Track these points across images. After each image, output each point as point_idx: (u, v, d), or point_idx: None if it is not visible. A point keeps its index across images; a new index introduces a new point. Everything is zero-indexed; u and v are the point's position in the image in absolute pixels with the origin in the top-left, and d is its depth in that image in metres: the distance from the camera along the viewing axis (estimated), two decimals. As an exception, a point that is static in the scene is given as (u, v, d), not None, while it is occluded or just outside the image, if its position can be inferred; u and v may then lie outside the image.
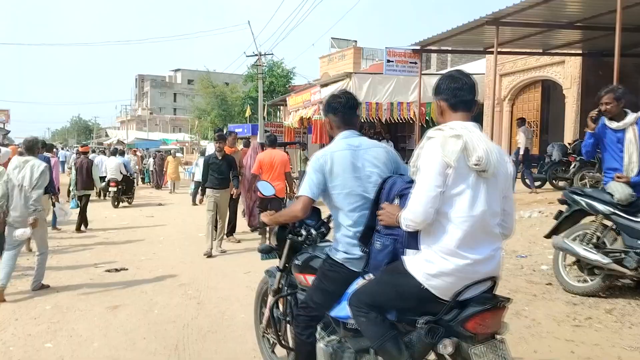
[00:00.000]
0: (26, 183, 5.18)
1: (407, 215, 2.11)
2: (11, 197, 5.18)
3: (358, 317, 2.29)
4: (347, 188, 2.54)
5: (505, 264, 5.78)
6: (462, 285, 2.10)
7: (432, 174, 2.07)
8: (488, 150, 2.09)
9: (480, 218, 2.09)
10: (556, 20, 10.03)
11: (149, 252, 7.53)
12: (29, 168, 5.24)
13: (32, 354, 3.77)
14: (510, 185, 2.26)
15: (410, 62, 11.86)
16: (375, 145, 2.67)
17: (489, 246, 2.15)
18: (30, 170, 5.22)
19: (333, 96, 2.77)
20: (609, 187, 4.30)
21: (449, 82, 2.26)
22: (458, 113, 2.23)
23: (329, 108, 2.72)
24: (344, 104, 2.69)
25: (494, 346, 2.14)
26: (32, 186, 5.16)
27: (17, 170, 5.24)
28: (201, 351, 3.74)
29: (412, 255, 2.18)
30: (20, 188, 5.17)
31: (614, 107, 4.39)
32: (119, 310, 4.77)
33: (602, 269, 4.27)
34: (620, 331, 3.73)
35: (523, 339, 3.67)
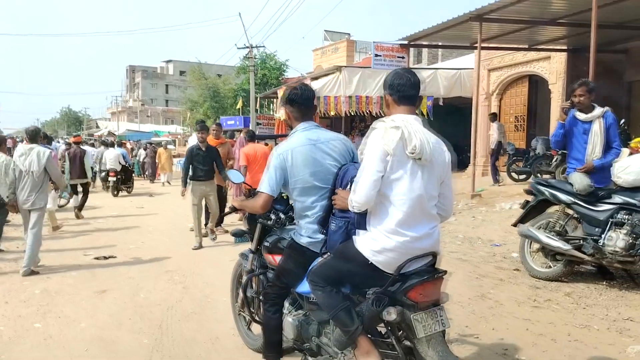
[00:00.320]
0: (34, 168, 5.64)
1: (352, 197, 2.34)
2: (19, 182, 5.64)
3: (316, 290, 2.53)
4: (309, 182, 2.70)
5: (479, 252, 6.07)
6: (403, 260, 2.33)
7: (373, 161, 2.30)
8: (424, 140, 2.31)
9: (418, 200, 2.33)
10: (540, 17, 10.25)
11: (137, 241, 7.71)
12: (34, 154, 5.69)
13: (22, 333, 3.96)
14: (447, 171, 2.47)
15: (398, 57, 12.06)
16: (332, 137, 2.83)
17: (427, 225, 2.38)
18: (36, 156, 5.68)
19: (291, 88, 2.91)
20: (570, 177, 4.56)
21: (395, 78, 2.47)
22: (402, 106, 2.45)
23: (287, 100, 2.86)
24: (301, 96, 2.82)
25: (433, 313, 2.38)
26: (41, 170, 5.68)
27: (23, 157, 5.69)
28: (184, 330, 3.96)
29: (362, 234, 2.41)
30: (28, 173, 5.64)
31: (586, 99, 4.63)
32: (106, 294, 4.96)
33: (564, 255, 4.53)
34: (575, 311, 3.99)
35: (484, 318, 3.93)
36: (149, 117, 57.23)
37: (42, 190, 5.82)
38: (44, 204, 5.93)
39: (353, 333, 2.43)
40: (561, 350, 3.33)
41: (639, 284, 4.51)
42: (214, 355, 3.48)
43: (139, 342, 3.73)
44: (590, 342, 3.44)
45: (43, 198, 5.87)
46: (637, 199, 4.22)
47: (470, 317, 3.97)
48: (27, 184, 5.68)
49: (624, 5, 9.08)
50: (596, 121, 4.60)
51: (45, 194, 5.96)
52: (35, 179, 5.69)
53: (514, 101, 14.59)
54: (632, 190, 4.25)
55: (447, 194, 2.53)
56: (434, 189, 2.42)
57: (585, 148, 4.61)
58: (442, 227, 7.66)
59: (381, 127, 2.38)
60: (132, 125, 47.79)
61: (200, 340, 3.73)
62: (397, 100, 2.46)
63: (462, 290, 4.59)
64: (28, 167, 5.66)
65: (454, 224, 7.78)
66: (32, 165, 5.66)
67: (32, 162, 5.67)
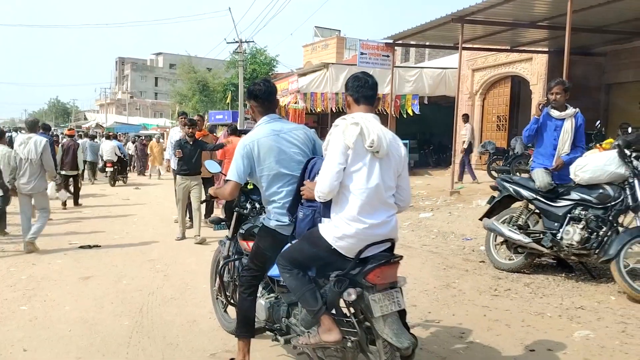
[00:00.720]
0: (32, 156, 6.18)
1: (317, 187, 2.57)
2: (19, 169, 6.16)
3: (284, 273, 2.75)
4: (274, 170, 2.91)
5: (451, 245, 6.35)
6: (363, 245, 2.56)
7: (335, 154, 2.54)
8: (381, 136, 2.55)
9: (375, 190, 2.56)
10: (520, 19, 10.55)
11: (122, 231, 7.88)
12: (32, 143, 6.22)
13: (9, 315, 4.14)
14: (404, 165, 2.71)
15: (383, 55, 12.29)
16: (294, 127, 3.05)
17: (385, 213, 2.62)
18: (34, 145, 6.21)
19: (254, 84, 3.10)
20: (533, 173, 4.83)
21: (354, 81, 2.73)
22: (361, 106, 2.69)
23: (251, 95, 3.05)
24: (264, 91, 3.01)
25: (390, 294, 2.61)
26: (39, 157, 6.20)
27: (22, 146, 6.22)
28: (163, 314, 4.16)
29: (326, 222, 2.65)
30: (27, 160, 6.17)
31: (562, 98, 4.90)
32: (90, 280, 5.15)
33: (525, 248, 4.81)
34: (532, 300, 4.27)
35: (446, 305, 4.19)
36: (137, 109, 56.89)
37: (41, 176, 6.32)
38: (43, 188, 6.46)
39: (317, 312, 2.66)
40: (513, 335, 3.60)
41: (594, 275, 4.81)
42: (190, 337, 3.69)
43: (120, 324, 3.93)
44: (541, 327, 3.71)
45: (42, 183, 6.40)
46: (593, 195, 4.50)
47: (434, 304, 4.23)
48: (26, 171, 6.19)
49: (600, 10, 9.41)
50: (568, 120, 4.88)
51: (44, 179, 6.44)
52: (33, 166, 6.20)
53: (497, 101, 14.92)
54: (589, 188, 4.53)
55: (404, 185, 2.77)
56: (390, 180, 2.66)
57: (552, 144, 4.88)
58: (419, 222, 7.98)
59: (342, 124, 2.61)
60: (121, 118, 47.53)
61: (178, 323, 3.94)
62: (356, 100, 2.70)
63: (429, 280, 4.86)
64: (27, 155, 6.17)
65: (431, 219, 8.07)
66: (30, 153, 6.18)
67: (30, 151, 6.18)
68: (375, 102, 2.73)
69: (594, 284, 4.65)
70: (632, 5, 9.15)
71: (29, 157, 6.18)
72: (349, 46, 32.02)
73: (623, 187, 4.40)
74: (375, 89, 2.71)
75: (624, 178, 4.38)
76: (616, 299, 4.22)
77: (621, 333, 3.57)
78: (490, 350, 3.38)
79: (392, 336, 2.56)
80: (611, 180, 4.44)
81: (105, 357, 3.35)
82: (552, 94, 4.93)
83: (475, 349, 3.39)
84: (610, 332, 3.59)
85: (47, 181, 6.74)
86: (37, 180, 6.25)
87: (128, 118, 46.60)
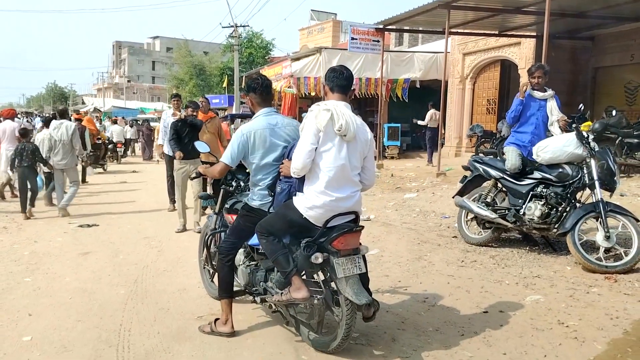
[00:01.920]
0: (64, 138, 7.62)
1: (292, 164, 2.96)
2: (54, 148, 7.60)
3: (261, 239, 3.13)
4: (265, 159, 3.27)
5: (429, 222, 6.72)
6: (329, 216, 2.95)
7: (308, 135, 2.92)
8: (349, 122, 2.92)
9: (341, 168, 2.94)
10: (507, 5, 10.77)
11: (119, 211, 8.25)
12: (64, 127, 7.70)
13: (14, 285, 4.52)
14: (370, 148, 3.09)
15: (373, 40, 12.51)
16: (288, 123, 3.39)
17: (350, 189, 3.00)
18: (65, 129, 7.69)
19: (252, 79, 3.46)
20: (506, 149, 5.13)
21: (331, 72, 3.12)
22: (335, 94, 3.08)
23: (249, 88, 3.40)
24: (262, 84, 3.37)
25: (352, 259, 2.99)
26: (70, 139, 7.64)
27: (56, 130, 7.68)
28: (156, 284, 4.54)
29: (299, 195, 3.03)
30: (60, 141, 7.60)
31: (543, 80, 5.25)
32: (89, 255, 5.52)
33: (492, 223, 5.18)
34: (494, 270, 4.65)
35: (416, 275, 4.58)
36: (135, 93, 56.92)
37: (72, 155, 7.75)
38: (74, 164, 7.91)
39: (289, 273, 3.03)
40: (471, 299, 3.98)
41: (556, 249, 5.18)
42: (180, 302, 4.07)
43: (116, 292, 4.31)
44: (498, 293, 4.10)
45: (73, 160, 7.83)
46: (553, 174, 4.85)
47: (405, 274, 4.61)
48: (59, 150, 7.60)
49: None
50: (550, 99, 5.23)
51: (74, 157, 7.88)
52: (65, 146, 7.63)
53: (487, 85, 15.17)
54: (550, 167, 4.88)
55: (369, 166, 3.16)
56: (356, 161, 3.04)
57: (535, 123, 5.21)
58: (404, 202, 8.33)
59: (316, 110, 3.00)
60: (118, 102, 47.62)
61: (169, 291, 4.32)
62: (331, 89, 3.10)
63: (404, 253, 5.24)
64: (60, 137, 7.60)
65: (415, 199, 8.43)
66: (63, 136, 7.62)
67: (62, 133, 7.63)
68: (349, 92, 3.09)
69: (554, 256, 5.02)
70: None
71: (61, 138, 7.60)
72: (345, 30, 31.98)
73: (581, 166, 4.75)
74: (350, 81, 3.09)
75: (581, 158, 4.73)
76: (571, 269, 4.60)
77: (569, 297, 3.95)
78: (448, 311, 3.76)
79: (352, 294, 2.93)
80: (570, 160, 4.78)
81: (103, 320, 3.72)
82: (534, 77, 5.26)
83: (435, 311, 3.77)
84: (559, 297, 3.97)
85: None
86: (68, 157, 7.66)
87: (125, 102, 46.68)
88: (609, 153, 4.69)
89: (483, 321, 3.57)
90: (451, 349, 3.18)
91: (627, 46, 12.50)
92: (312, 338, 3.22)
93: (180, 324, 3.62)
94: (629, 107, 12.57)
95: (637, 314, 3.62)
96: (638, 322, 3.50)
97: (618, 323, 3.49)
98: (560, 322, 3.52)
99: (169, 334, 3.47)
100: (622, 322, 3.50)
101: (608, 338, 3.29)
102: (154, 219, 7.67)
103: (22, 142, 7.70)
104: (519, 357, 3.08)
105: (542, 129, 5.22)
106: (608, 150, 4.73)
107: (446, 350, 3.16)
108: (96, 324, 3.63)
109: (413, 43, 22.34)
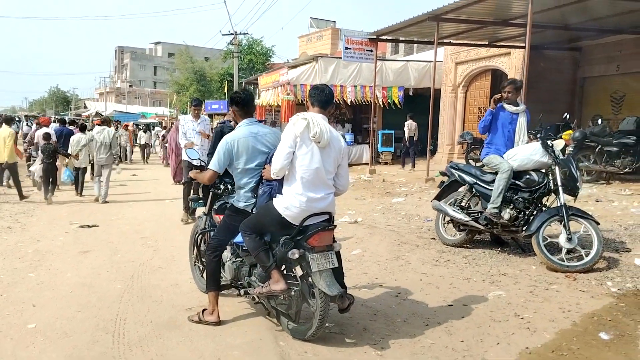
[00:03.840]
0: (106, 140, 9.65)
1: (272, 166, 3.35)
2: (98, 149, 9.68)
3: (245, 237, 3.49)
4: (248, 164, 3.64)
5: (411, 225, 7.07)
6: (305, 215, 3.30)
7: (287, 140, 3.31)
8: (324, 130, 3.30)
9: (316, 172, 3.31)
10: (494, 17, 11.17)
11: (118, 213, 8.61)
12: (106, 132, 9.76)
13: (19, 280, 4.87)
14: (343, 156, 3.47)
15: (366, 50, 12.92)
16: (268, 132, 3.77)
17: (324, 191, 3.37)
18: (107, 133, 9.75)
19: (235, 93, 3.89)
20: (491, 158, 5.43)
21: (314, 90, 3.55)
22: (315, 108, 3.47)
23: (232, 102, 3.82)
24: (243, 99, 3.79)
25: (326, 255, 3.34)
26: (110, 142, 9.71)
27: (99, 134, 9.74)
28: (151, 279, 4.90)
29: (279, 197, 3.40)
30: (102, 143, 9.61)
31: (513, 95, 5.57)
32: (89, 254, 5.88)
33: (466, 226, 5.54)
34: (465, 269, 5.00)
35: (392, 272, 4.93)
36: (136, 98, 57.47)
37: (110, 154, 9.75)
38: (110, 162, 9.86)
39: (269, 267, 3.39)
40: (440, 294, 4.33)
41: (524, 250, 5.52)
42: (172, 296, 4.42)
43: (114, 287, 4.66)
44: (464, 289, 4.44)
45: (110, 159, 9.80)
46: (521, 180, 5.20)
47: (382, 272, 4.97)
48: (101, 150, 9.63)
49: (567, 9, 10.03)
50: (522, 115, 5.56)
51: (111, 156, 9.86)
52: (106, 147, 9.64)
53: (478, 93, 15.56)
54: (518, 174, 5.23)
55: (342, 173, 3.54)
56: (330, 166, 3.41)
57: (506, 135, 5.52)
58: (391, 206, 8.70)
59: (295, 119, 3.40)
60: (120, 106, 48.08)
61: (163, 286, 4.67)
62: (312, 103, 3.52)
63: (383, 254, 5.59)
64: (102, 140, 9.64)
65: (402, 203, 8.79)
66: (105, 138, 9.66)
67: (104, 137, 9.67)
68: (328, 108, 3.49)
69: (523, 256, 5.37)
70: (595, 5, 9.78)
71: (104, 141, 9.63)
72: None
73: (546, 173, 5.11)
74: (330, 98, 3.49)
75: (547, 166, 5.09)
76: (536, 268, 4.95)
77: (529, 293, 4.30)
78: (417, 305, 4.11)
79: (325, 287, 3.28)
80: (536, 168, 5.14)
81: (101, 311, 4.07)
82: (505, 92, 5.59)
83: (405, 305, 4.13)
84: (520, 293, 4.32)
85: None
86: (107, 156, 9.67)
87: (127, 107, 47.14)
88: (572, 161, 5.06)
89: (447, 313, 3.91)
90: (415, 337, 3.52)
91: (613, 57, 12.89)
92: (290, 327, 3.56)
93: (172, 315, 3.97)
94: (614, 116, 12.93)
95: (588, 308, 3.97)
96: (587, 315, 3.85)
97: (569, 316, 3.84)
98: (516, 314, 3.87)
99: (161, 323, 3.81)
100: (573, 315, 3.85)
101: (557, 328, 3.63)
102: (151, 219, 8.03)
103: (44, 144, 9.68)
104: (475, 344, 3.42)
105: (513, 141, 5.54)
106: (571, 158, 5.10)
107: (411, 339, 3.51)
108: (94, 314, 3.98)
109: (409, 52, 22.77)
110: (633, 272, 4.71)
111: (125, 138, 19.15)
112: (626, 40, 12.15)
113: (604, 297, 4.19)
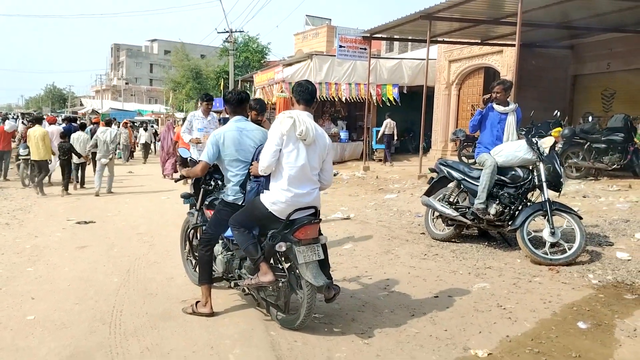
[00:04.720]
0: (108, 139, 10.51)
1: (259, 163, 3.47)
2: (100, 146, 10.44)
3: (234, 231, 3.62)
4: (234, 156, 3.79)
5: (402, 220, 7.21)
6: (291, 210, 3.43)
7: (273, 138, 3.43)
8: (309, 128, 3.42)
9: (302, 168, 3.43)
10: (486, 16, 11.31)
11: (115, 209, 8.72)
12: (108, 132, 10.63)
13: (17, 274, 4.99)
14: (328, 152, 3.59)
15: (360, 48, 13.03)
16: (255, 128, 3.93)
17: (309, 186, 3.50)
18: (110, 133, 10.61)
19: (228, 92, 4.04)
20: (483, 156, 5.57)
21: (297, 86, 3.64)
22: (300, 105, 3.58)
23: (225, 100, 3.99)
24: (234, 99, 3.96)
25: (312, 247, 3.47)
26: (112, 141, 10.60)
27: (102, 133, 10.59)
28: (146, 273, 5.02)
29: (266, 192, 3.52)
30: (105, 142, 10.44)
31: (502, 96, 5.70)
32: (86, 249, 6.00)
33: (454, 220, 5.68)
34: (452, 262, 5.15)
35: (381, 266, 5.07)
36: (132, 95, 57.36)
37: (111, 151, 10.51)
38: (113, 158, 10.62)
39: (257, 260, 3.53)
40: (426, 286, 4.47)
41: (511, 244, 5.68)
42: (167, 289, 4.55)
43: (110, 281, 4.79)
44: (450, 281, 4.59)
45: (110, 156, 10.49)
46: (507, 176, 5.35)
47: (372, 266, 5.11)
48: (103, 147, 10.40)
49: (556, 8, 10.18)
50: (511, 114, 5.68)
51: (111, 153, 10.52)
52: (108, 145, 10.45)
53: (471, 91, 15.71)
54: (504, 170, 5.39)
55: (327, 168, 3.67)
56: (315, 162, 3.54)
57: (497, 136, 5.65)
58: (384, 202, 8.85)
59: (281, 117, 3.51)
60: (116, 104, 48.00)
61: (158, 280, 4.80)
62: (297, 100, 3.61)
63: (374, 248, 5.73)
64: (105, 139, 10.47)
65: (394, 200, 8.93)
66: (107, 137, 10.49)
67: (107, 136, 10.50)
68: (312, 104, 3.61)
69: (508, 250, 5.53)
70: (585, 4, 9.94)
71: (107, 139, 10.46)
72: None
73: (531, 169, 5.26)
74: (313, 95, 3.61)
75: (532, 162, 5.24)
76: (521, 262, 5.10)
77: (512, 285, 4.45)
78: (404, 296, 4.26)
79: (311, 278, 3.42)
80: (522, 164, 5.29)
81: (98, 303, 4.19)
82: (494, 92, 5.71)
83: (392, 296, 4.27)
84: (503, 285, 4.47)
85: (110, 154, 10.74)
86: (109, 153, 10.40)
87: (123, 104, 47.09)
88: (556, 157, 5.21)
89: (432, 304, 4.06)
90: (401, 327, 3.66)
91: (604, 55, 13.07)
92: (279, 317, 3.70)
93: (166, 307, 4.10)
94: (605, 114, 13.11)
95: (568, 299, 4.12)
96: (567, 306, 4.00)
97: (549, 306, 3.99)
98: (499, 305, 4.02)
99: (156, 314, 3.94)
100: (554, 306, 4.00)
101: (538, 318, 3.78)
102: (147, 216, 8.14)
103: (61, 142, 10.53)
104: (458, 333, 3.57)
105: (502, 140, 5.68)
106: (555, 154, 5.25)
107: (397, 328, 3.65)
108: (92, 306, 4.10)
109: (403, 49, 22.88)
110: (614, 265, 4.87)
111: (125, 136, 18.95)
112: (617, 39, 12.33)
113: (584, 289, 4.35)
